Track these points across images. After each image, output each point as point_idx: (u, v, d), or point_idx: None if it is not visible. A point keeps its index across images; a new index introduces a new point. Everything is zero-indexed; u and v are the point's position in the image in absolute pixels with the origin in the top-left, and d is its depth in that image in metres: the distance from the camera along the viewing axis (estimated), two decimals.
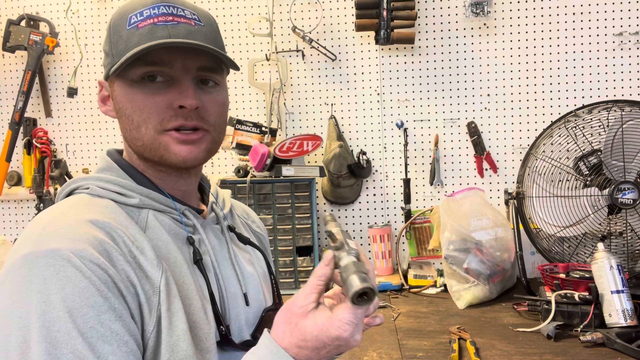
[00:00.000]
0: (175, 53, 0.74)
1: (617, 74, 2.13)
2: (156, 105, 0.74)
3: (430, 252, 2.14)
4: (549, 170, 1.78)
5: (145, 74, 0.74)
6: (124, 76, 0.76)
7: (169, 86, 0.75)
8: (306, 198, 1.99)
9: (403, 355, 1.36)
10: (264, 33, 2.19)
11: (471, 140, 2.19)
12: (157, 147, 0.76)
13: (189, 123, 0.75)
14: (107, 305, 0.64)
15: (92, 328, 0.62)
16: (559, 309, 1.50)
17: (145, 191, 0.78)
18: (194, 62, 0.75)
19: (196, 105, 0.75)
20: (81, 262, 0.63)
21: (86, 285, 0.63)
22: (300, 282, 2.00)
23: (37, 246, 0.64)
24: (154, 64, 0.74)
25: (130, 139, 0.78)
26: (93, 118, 2.30)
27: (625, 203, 1.68)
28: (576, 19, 2.13)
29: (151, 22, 0.74)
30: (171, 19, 0.74)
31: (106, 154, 0.84)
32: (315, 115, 2.24)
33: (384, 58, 2.21)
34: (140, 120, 0.75)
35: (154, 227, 0.76)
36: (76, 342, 0.61)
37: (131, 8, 0.76)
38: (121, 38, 0.75)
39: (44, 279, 0.62)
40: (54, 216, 0.70)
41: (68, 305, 0.61)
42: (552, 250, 1.84)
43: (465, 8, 2.13)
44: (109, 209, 0.74)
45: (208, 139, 0.79)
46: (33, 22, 2.23)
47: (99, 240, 0.67)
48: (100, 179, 0.78)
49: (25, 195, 2.29)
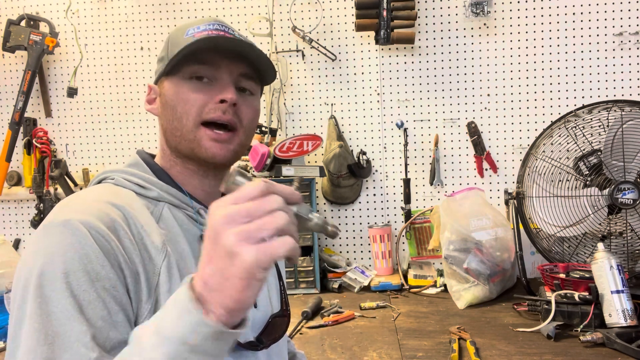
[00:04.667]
0: (223, 57, 0.83)
1: (617, 74, 2.13)
2: (199, 98, 0.83)
3: (430, 252, 2.14)
4: (549, 170, 1.78)
5: (194, 74, 0.83)
6: (175, 74, 0.84)
7: (212, 85, 0.84)
8: (306, 198, 1.99)
9: (403, 355, 1.36)
10: (264, 33, 2.19)
11: (471, 140, 2.19)
12: (192, 140, 0.83)
13: (226, 117, 0.82)
14: (103, 273, 0.67)
15: (85, 291, 0.65)
16: (559, 309, 1.50)
17: (165, 187, 0.84)
18: (237, 67, 0.85)
19: (235, 101, 0.82)
20: (88, 231, 0.68)
21: (86, 253, 0.67)
22: (300, 282, 2.00)
23: (54, 217, 0.71)
24: (203, 62, 0.83)
25: (170, 130, 0.85)
26: (93, 118, 2.30)
27: (625, 203, 1.68)
28: (576, 19, 2.13)
29: (207, 33, 0.83)
30: (223, 33, 0.84)
31: (136, 152, 0.91)
32: (315, 115, 2.24)
33: (384, 58, 2.21)
34: (183, 112, 0.83)
35: (167, 219, 0.81)
36: (67, 302, 0.64)
37: (190, 23, 0.86)
38: (178, 44, 0.83)
39: (52, 243, 0.67)
40: (77, 195, 0.78)
41: (67, 267, 0.65)
42: (552, 250, 1.84)
43: (465, 8, 2.13)
44: (129, 196, 0.80)
45: (237, 140, 0.85)
46: (33, 22, 2.23)
47: (110, 217, 0.72)
48: (125, 172, 0.84)
49: (25, 195, 2.29)
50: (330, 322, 1.63)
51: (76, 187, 2.23)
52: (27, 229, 2.33)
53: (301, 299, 1.89)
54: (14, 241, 2.32)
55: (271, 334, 0.87)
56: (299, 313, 1.68)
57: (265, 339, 0.84)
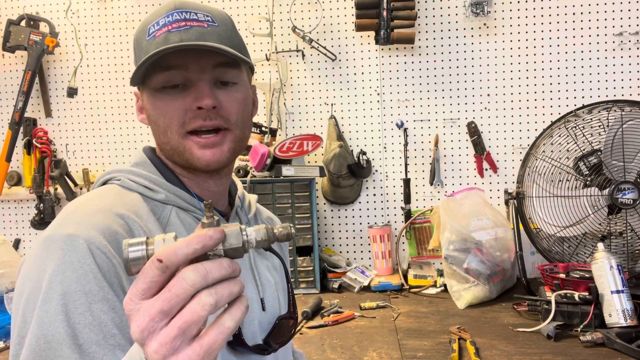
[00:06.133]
0: (189, 55, 0.76)
1: (617, 74, 2.13)
2: (176, 109, 0.77)
3: (430, 252, 2.14)
4: (549, 170, 1.78)
5: (165, 82, 0.77)
6: (148, 85, 0.79)
7: (187, 90, 0.78)
8: (306, 198, 1.99)
9: (403, 355, 1.36)
10: (264, 33, 2.19)
11: (471, 140, 2.19)
12: (182, 151, 0.79)
13: (208, 123, 0.77)
14: (101, 294, 0.65)
15: (81, 314, 0.64)
16: (559, 309, 1.50)
17: (173, 188, 0.81)
18: (208, 60, 0.77)
19: (213, 105, 0.76)
20: (89, 248, 0.66)
21: (85, 272, 0.65)
22: (300, 282, 2.00)
23: (57, 229, 0.69)
24: (169, 68, 0.76)
25: (160, 144, 0.82)
26: (93, 118, 2.30)
27: (625, 203, 1.68)
28: (576, 19, 2.13)
29: (166, 30, 0.76)
30: (184, 24, 0.76)
31: (142, 150, 0.87)
32: (315, 115, 2.24)
33: (384, 58, 2.21)
34: (165, 125, 0.79)
35: (175, 225, 0.79)
36: (60, 326, 0.62)
37: (150, 19, 0.80)
38: (142, 49, 0.79)
39: (52, 260, 0.65)
40: (82, 202, 0.75)
41: (64, 288, 0.64)
42: (552, 250, 1.84)
43: (465, 8, 2.13)
44: (134, 202, 0.77)
45: (230, 138, 0.80)
46: (33, 22, 2.23)
47: (112, 230, 0.70)
48: (132, 172, 0.81)
49: (25, 195, 2.29)
50: (330, 322, 1.63)
51: (76, 187, 2.23)
52: (27, 229, 2.33)
53: (301, 299, 1.89)
54: (14, 241, 2.32)
55: (278, 337, 0.86)
56: (299, 313, 1.68)
57: (273, 341, 0.83)
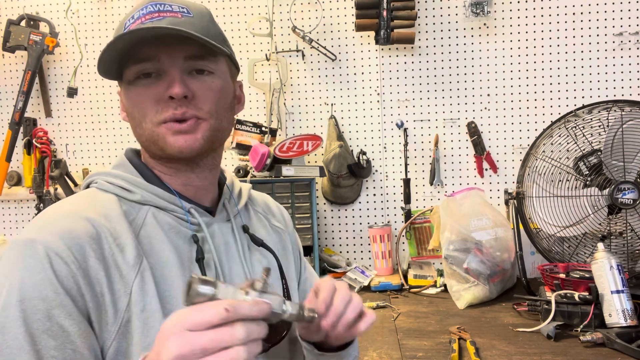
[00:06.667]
0: (160, 46, 0.75)
1: (617, 74, 2.13)
2: (149, 99, 0.77)
3: (430, 252, 2.14)
4: (549, 170, 1.78)
5: (138, 73, 0.77)
6: (124, 80, 0.80)
7: (159, 80, 0.77)
8: (306, 198, 1.99)
9: (403, 355, 1.36)
10: (264, 33, 2.19)
11: (471, 140, 2.19)
12: (156, 140, 0.78)
13: (179, 111, 0.76)
14: (58, 301, 0.65)
15: (39, 320, 0.64)
16: (559, 309, 1.50)
17: (150, 187, 0.80)
18: (178, 52, 0.77)
19: (183, 94, 0.76)
20: (47, 253, 0.66)
21: (42, 278, 0.65)
22: None
23: (24, 234, 0.70)
24: (141, 60, 0.76)
25: (137, 137, 0.82)
26: (93, 118, 2.30)
27: (625, 203, 1.68)
28: (576, 19, 2.13)
29: (139, 22, 0.76)
30: (157, 15, 0.76)
31: (123, 152, 0.87)
32: (315, 115, 2.24)
33: (384, 58, 2.21)
34: (140, 117, 0.79)
35: (150, 226, 0.78)
36: (18, 331, 0.63)
37: (127, 14, 0.79)
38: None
39: (12, 265, 0.66)
40: (55, 206, 0.76)
41: (22, 294, 0.64)
42: (552, 250, 1.84)
43: (465, 8, 2.13)
44: (106, 204, 0.76)
45: (204, 127, 0.79)
46: (33, 22, 2.23)
47: (75, 235, 0.69)
48: (109, 174, 0.81)
49: (25, 195, 2.29)
50: None
51: (76, 187, 2.23)
52: None
53: None
54: None
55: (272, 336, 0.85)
56: None
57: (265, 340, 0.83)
